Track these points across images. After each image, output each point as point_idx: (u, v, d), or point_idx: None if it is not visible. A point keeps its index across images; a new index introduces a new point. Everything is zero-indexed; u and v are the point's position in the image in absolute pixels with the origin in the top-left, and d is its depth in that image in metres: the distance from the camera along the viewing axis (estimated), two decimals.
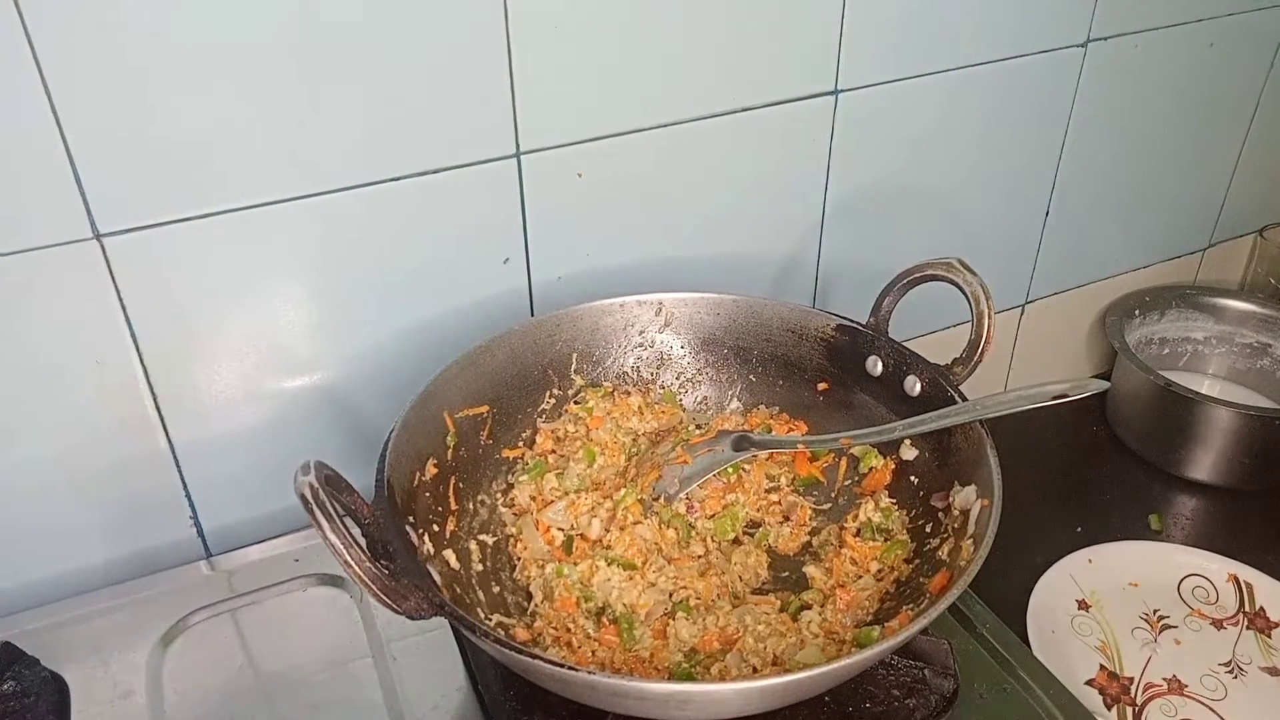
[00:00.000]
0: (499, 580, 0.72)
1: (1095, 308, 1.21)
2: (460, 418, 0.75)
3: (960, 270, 0.75)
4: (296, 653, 0.71)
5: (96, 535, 0.77)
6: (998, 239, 1.07)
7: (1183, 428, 1.06)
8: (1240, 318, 1.19)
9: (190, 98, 0.65)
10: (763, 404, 0.85)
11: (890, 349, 0.79)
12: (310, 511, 0.54)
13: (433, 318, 0.81)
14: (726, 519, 0.76)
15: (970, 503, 0.69)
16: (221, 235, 0.70)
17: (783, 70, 0.84)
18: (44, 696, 0.65)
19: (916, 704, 0.66)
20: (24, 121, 0.61)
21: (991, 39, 0.92)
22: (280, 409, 0.78)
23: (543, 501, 0.76)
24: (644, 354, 0.85)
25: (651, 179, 0.84)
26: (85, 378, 0.70)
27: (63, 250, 0.66)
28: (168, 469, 0.77)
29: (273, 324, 0.75)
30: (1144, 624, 0.91)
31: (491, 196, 0.78)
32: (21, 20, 0.59)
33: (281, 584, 0.75)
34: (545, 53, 0.74)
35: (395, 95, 0.71)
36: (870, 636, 0.65)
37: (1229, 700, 0.84)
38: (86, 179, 0.64)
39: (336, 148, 0.71)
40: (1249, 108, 1.16)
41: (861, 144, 0.91)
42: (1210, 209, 1.23)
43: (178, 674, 0.69)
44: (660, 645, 0.67)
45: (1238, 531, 1.02)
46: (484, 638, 0.57)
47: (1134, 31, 1.00)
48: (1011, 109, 0.98)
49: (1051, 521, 1.00)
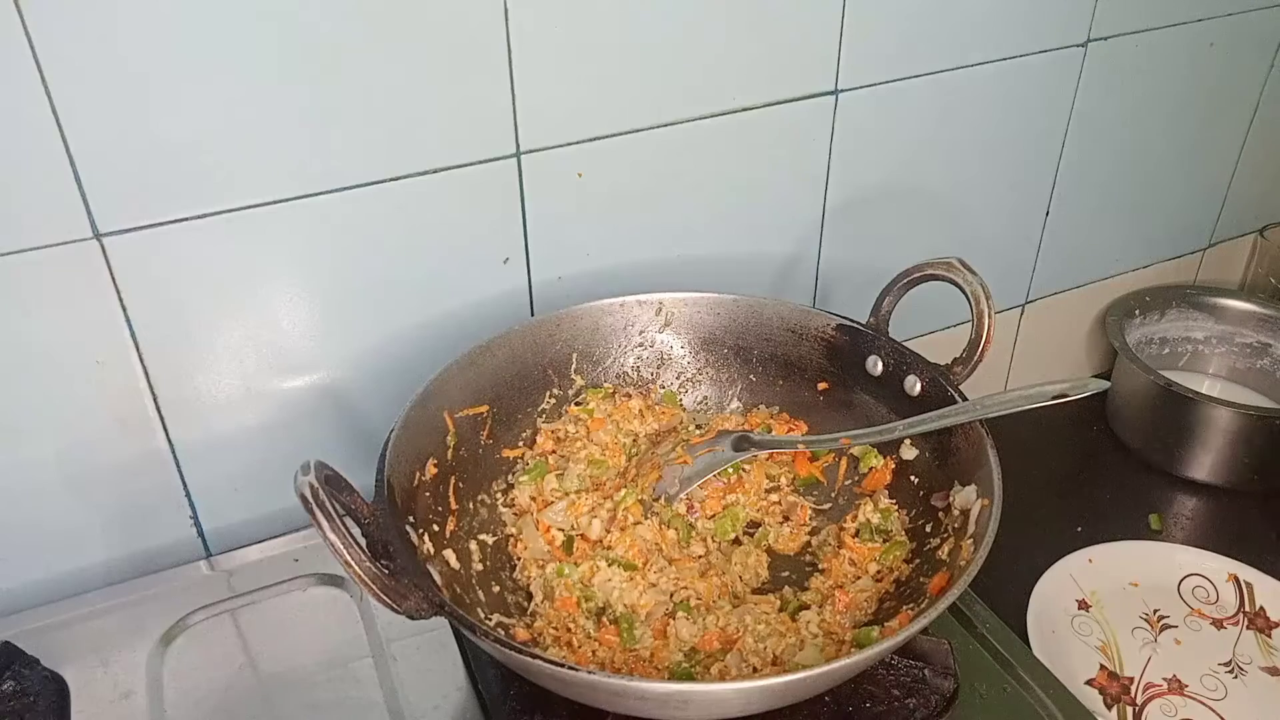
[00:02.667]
0: (499, 580, 0.72)
1: (1095, 308, 1.20)
2: (460, 418, 0.75)
3: (960, 270, 0.75)
4: (296, 653, 0.71)
5: (96, 535, 0.77)
6: (998, 239, 1.07)
7: (1183, 428, 1.06)
8: (1240, 318, 1.19)
9: (190, 97, 0.65)
10: (763, 404, 0.85)
11: (890, 349, 0.79)
12: (310, 511, 0.54)
13: (433, 318, 0.81)
14: (727, 519, 0.76)
15: (970, 503, 0.69)
16: (221, 235, 0.70)
17: (783, 70, 0.84)
18: (44, 696, 0.65)
19: (916, 704, 0.66)
20: (24, 121, 0.61)
21: (991, 39, 0.92)
22: (280, 409, 0.78)
23: (543, 502, 0.76)
24: (644, 354, 0.85)
25: (651, 179, 0.84)
26: (85, 378, 0.70)
27: (63, 250, 0.66)
28: (168, 469, 0.77)
29: (273, 324, 0.75)
30: (1144, 624, 0.91)
31: (491, 196, 0.78)
32: (21, 20, 0.59)
33: (281, 584, 0.75)
34: (545, 53, 0.74)
35: (395, 95, 0.71)
36: (869, 637, 0.65)
37: (1229, 700, 0.84)
38: (86, 179, 0.64)
39: (336, 148, 0.71)
40: (1249, 108, 1.16)
41: (861, 144, 0.91)
42: (1210, 209, 1.23)
43: (178, 674, 0.69)
44: (660, 645, 0.67)
45: (1238, 531, 1.02)
46: (484, 638, 0.57)
47: (1134, 31, 1.00)
48: (1011, 109, 0.98)
49: (1051, 521, 1.00)
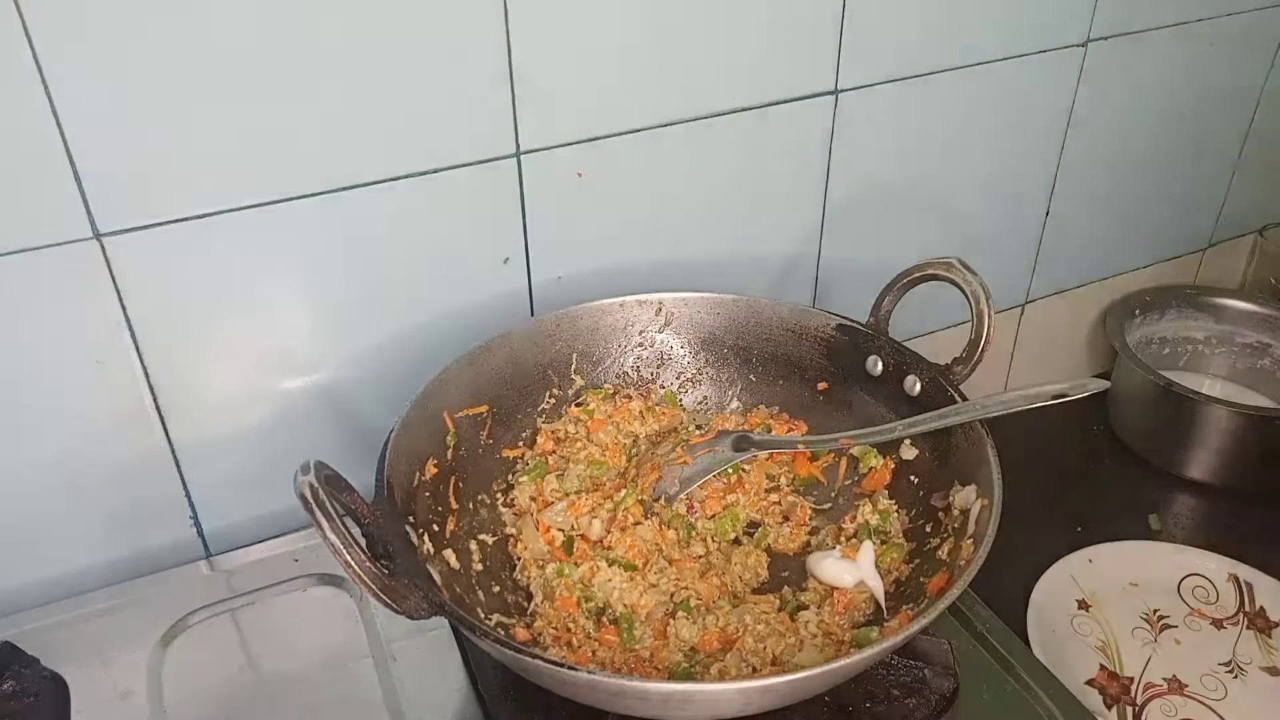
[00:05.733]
0: (499, 580, 0.72)
1: (1095, 308, 1.21)
2: (460, 418, 0.75)
3: (960, 270, 0.75)
4: (296, 653, 0.71)
5: (96, 535, 0.77)
6: (998, 239, 1.07)
7: (1183, 428, 1.06)
8: (1240, 318, 1.19)
9: (190, 98, 0.65)
10: (763, 404, 0.85)
11: (890, 349, 0.79)
12: (310, 511, 0.54)
13: (433, 318, 0.81)
14: (727, 519, 0.76)
15: (970, 503, 0.69)
16: (221, 235, 0.70)
17: (783, 70, 0.84)
18: (44, 696, 0.65)
19: (916, 704, 0.66)
20: (24, 121, 0.61)
21: (991, 39, 0.92)
22: (280, 409, 0.78)
23: (543, 502, 0.76)
24: (644, 354, 0.85)
25: (651, 179, 0.84)
26: (85, 378, 0.70)
27: (63, 250, 0.66)
28: (168, 469, 0.77)
29: (273, 324, 0.75)
30: (1144, 624, 0.91)
31: (491, 196, 0.78)
32: (21, 20, 0.59)
33: (281, 584, 0.75)
34: (545, 52, 0.74)
35: (395, 95, 0.70)
36: (869, 637, 0.65)
37: (1229, 700, 0.84)
38: (86, 179, 0.64)
39: (336, 147, 0.71)
40: (1249, 108, 1.16)
41: (861, 144, 0.91)
42: (1210, 209, 1.23)
43: (178, 674, 0.69)
44: (660, 645, 0.67)
45: (1238, 531, 1.02)
46: (484, 638, 0.57)
47: (1134, 31, 1.00)
48: (1011, 109, 0.98)
49: (1051, 521, 1.00)
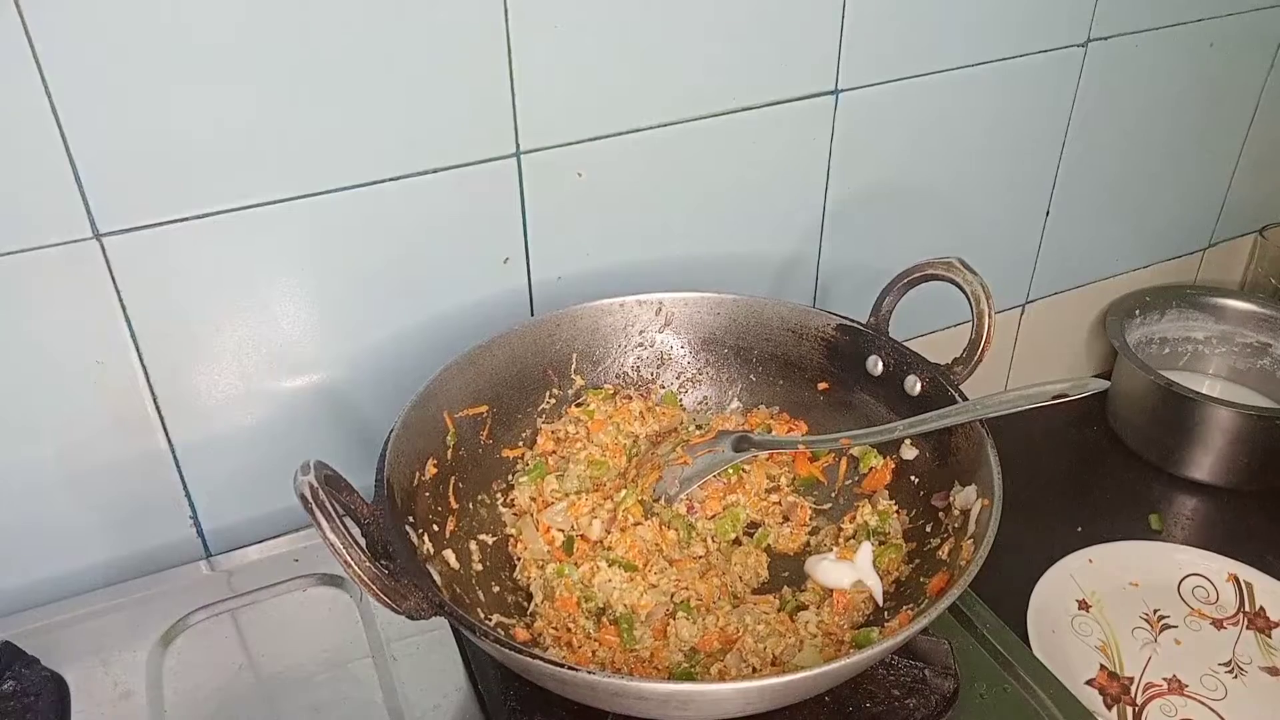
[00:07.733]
0: (499, 580, 0.72)
1: (1095, 308, 1.20)
2: (460, 418, 0.75)
3: (960, 270, 0.75)
4: (296, 653, 0.71)
5: (96, 535, 0.77)
6: (998, 239, 1.07)
7: (1183, 428, 1.06)
8: (1240, 318, 1.19)
9: (190, 97, 0.65)
10: (763, 404, 0.85)
11: (890, 349, 0.79)
12: (310, 511, 0.54)
13: (433, 318, 0.81)
14: (727, 519, 0.76)
15: (970, 503, 0.69)
16: (221, 235, 0.70)
17: (782, 70, 0.84)
18: (44, 696, 0.65)
19: (916, 704, 0.66)
20: (24, 121, 0.61)
21: (991, 39, 0.92)
22: (280, 409, 0.78)
23: (543, 502, 0.76)
24: (644, 354, 0.85)
25: (651, 179, 0.84)
26: (85, 378, 0.70)
27: (63, 250, 0.66)
28: (168, 469, 0.77)
29: (273, 324, 0.75)
30: (1144, 624, 0.91)
31: (491, 196, 0.78)
32: (21, 20, 0.59)
33: (281, 584, 0.75)
34: (545, 53, 0.74)
35: (395, 95, 0.71)
36: (869, 637, 0.65)
37: (1229, 700, 0.84)
38: (86, 179, 0.64)
39: (336, 147, 0.71)
40: (1249, 108, 1.16)
41: (861, 144, 0.91)
42: (1210, 209, 1.23)
43: (178, 674, 0.69)
44: (660, 645, 0.67)
45: (1238, 531, 1.02)
46: (484, 638, 0.57)
47: (1134, 31, 1.00)
48: (1011, 109, 0.98)
49: (1051, 521, 1.00)
